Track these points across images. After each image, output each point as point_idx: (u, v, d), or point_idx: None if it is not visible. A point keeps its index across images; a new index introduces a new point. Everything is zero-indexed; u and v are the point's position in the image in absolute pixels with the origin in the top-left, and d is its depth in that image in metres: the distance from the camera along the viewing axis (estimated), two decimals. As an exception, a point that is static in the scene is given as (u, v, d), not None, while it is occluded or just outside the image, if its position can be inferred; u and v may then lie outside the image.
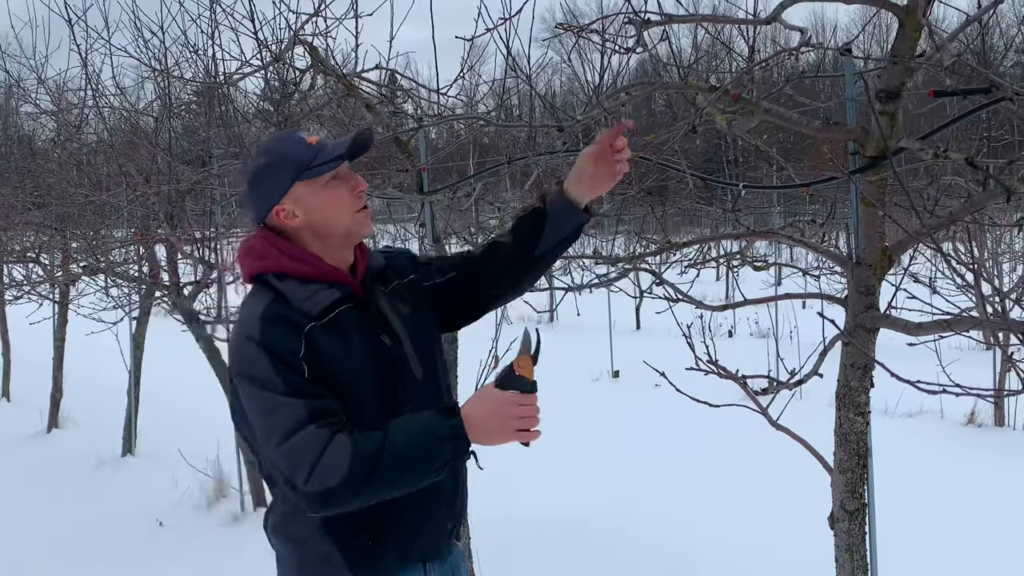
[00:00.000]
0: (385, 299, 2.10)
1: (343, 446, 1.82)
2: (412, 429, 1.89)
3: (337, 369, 1.92)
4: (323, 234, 2.03)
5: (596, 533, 5.38)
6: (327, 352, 1.92)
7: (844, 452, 2.67)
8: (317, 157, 1.99)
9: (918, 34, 2.24)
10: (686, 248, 3.40)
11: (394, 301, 2.12)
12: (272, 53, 4.08)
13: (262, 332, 1.89)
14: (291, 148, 2.01)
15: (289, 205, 2.00)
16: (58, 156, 7.89)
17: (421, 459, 1.88)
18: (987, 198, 2.36)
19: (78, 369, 9.16)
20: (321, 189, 2.00)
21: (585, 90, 4.11)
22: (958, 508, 5.51)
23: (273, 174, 2.01)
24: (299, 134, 2.07)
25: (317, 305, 1.94)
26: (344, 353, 1.95)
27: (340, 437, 1.83)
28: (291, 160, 1.99)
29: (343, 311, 1.99)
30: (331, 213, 2.02)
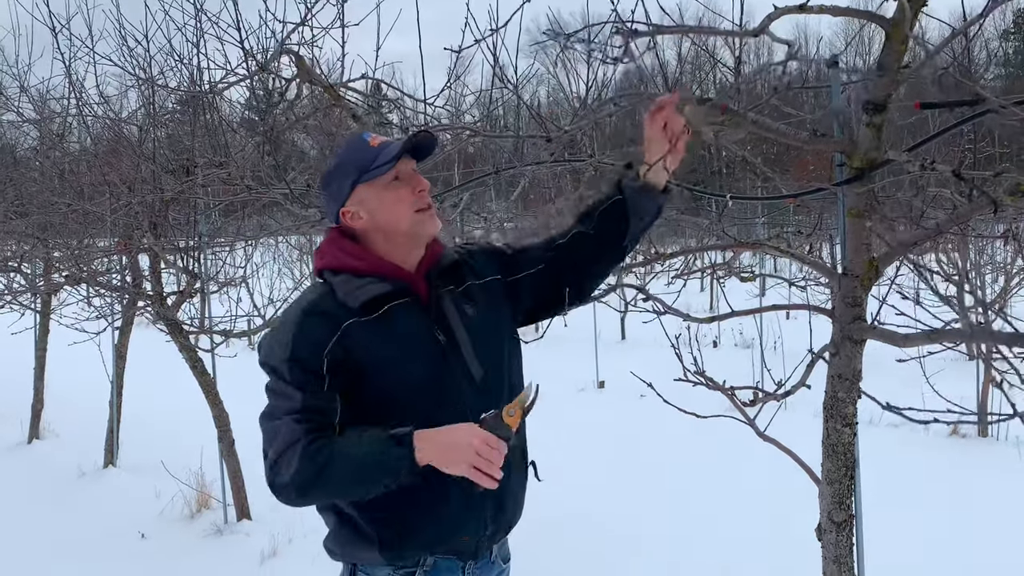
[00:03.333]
0: (450, 298, 2.14)
1: (302, 448, 1.91)
2: (360, 451, 1.93)
3: (374, 360, 1.99)
4: (388, 234, 2.09)
5: (583, 537, 5.36)
6: (364, 344, 1.99)
7: (831, 463, 2.67)
8: (377, 159, 2.05)
9: (904, 46, 2.25)
10: (672, 259, 3.40)
11: (460, 301, 2.15)
12: (258, 62, 4.07)
13: (298, 325, 2.00)
14: (354, 151, 2.09)
15: (353, 207, 2.08)
16: (40, 165, 7.83)
17: (362, 482, 1.95)
18: (973, 210, 2.37)
19: (59, 380, 9.08)
20: (382, 190, 2.06)
21: (571, 100, 4.11)
22: (944, 519, 5.52)
23: (338, 177, 2.09)
24: (365, 136, 2.12)
25: (362, 297, 2.01)
26: (385, 346, 2.01)
27: (308, 438, 1.92)
28: (353, 163, 2.07)
29: (395, 306, 2.04)
30: (393, 213, 2.07)
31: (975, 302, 7.96)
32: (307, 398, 1.95)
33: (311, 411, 1.95)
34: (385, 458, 1.91)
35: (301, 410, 1.95)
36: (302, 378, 1.96)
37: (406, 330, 2.04)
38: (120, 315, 7.19)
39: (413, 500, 2.01)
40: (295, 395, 1.96)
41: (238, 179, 4.59)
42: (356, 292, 2.02)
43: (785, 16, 2.27)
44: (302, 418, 1.94)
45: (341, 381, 1.98)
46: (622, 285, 3.46)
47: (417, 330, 2.06)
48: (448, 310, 2.12)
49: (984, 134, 5.60)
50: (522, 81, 3.82)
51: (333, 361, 1.97)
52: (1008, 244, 8.43)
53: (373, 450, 1.92)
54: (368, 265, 2.07)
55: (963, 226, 3.64)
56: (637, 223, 2.26)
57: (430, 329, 2.08)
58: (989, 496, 6.06)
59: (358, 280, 2.04)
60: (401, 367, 2.01)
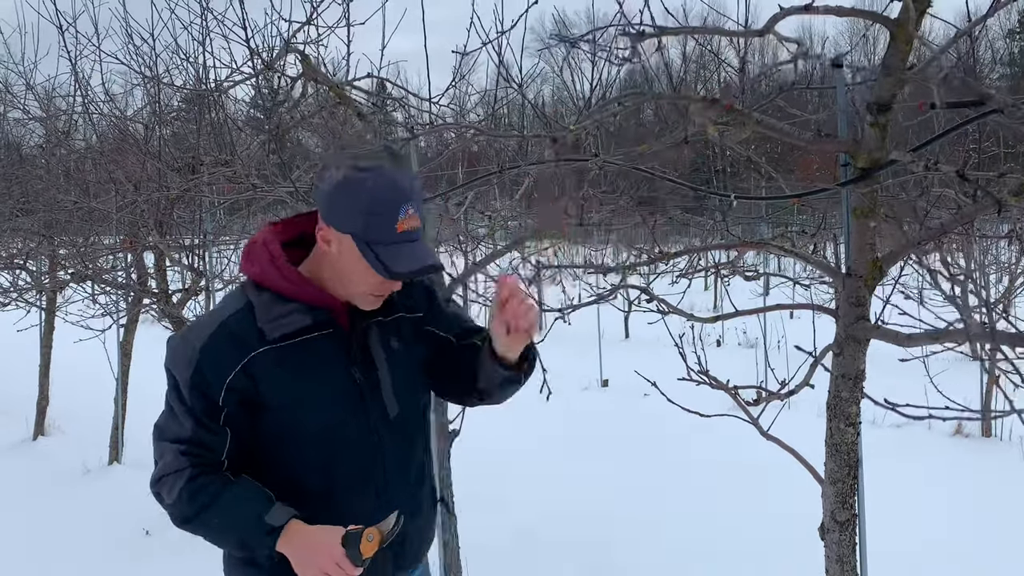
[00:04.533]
0: (376, 330, 2.06)
1: (184, 482, 1.93)
2: (232, 518, 1.93)
3: (279, 396, 1.96)
4: (336, 276, 1.98)
5: (587, 537, 5.37)
6: (271, 377, 1.94)
7: (835, 463, 2.67)
8: (387, 248, 1.88)
9: (909, 46, 2.26)
10: (676, 258, 3.39)
11: (387, 333, 2.09)
12: (263, 61, 4.08)
13: (203, 346, 1.94)
14: (379, 213, 1.88)
15: (334, 239, 1.93)
16: (46, 162, 7.85)
17: (226, 544, 2.02)
18: (977, 210, 2.38)
19: (65, 377, 9.10)
20: (361, 261, 1.90)
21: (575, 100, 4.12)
22: (947, 519, 5.52)
23: (348, 209, 1.89)
24: (403, 209, 1.89)
25: (281, 329, 1.94)
26: (294, 383, 1.95)
27: (191, 472, 1.93)
28: (367, 223, 1.88)
29: (314, 338, 1.97)
30: (352, 279, 1.96)
31: (979, 302, 7.95)
32: (197, 430, 1.93)
33: (198, 445, 1.94)
34: (249, 537, 1.93)
35: (188, 441, 1.94)
36: (198, 405, 1.93)
37: (320, 367, 1.98)
38: (125, 312, 7.21)
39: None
40: (186, 423, 1.94)
41: (243, 177, 4.60)
42: (275, 323, 1.94)
43: (790, 16, 2.28)
44: (187, 450, 1.94)
45: (240, 412, 1.96)
46: (626, 286, 3.46)
47: (332, 368, 2.00)
48: (372, 343, 2.05)
49: (989, 134, 5.60)
50: (527, 80, 3.83)
51: (234, 390, 1.93)
52: (1012, 244, 8.42)
53: (244, 523, 1.93)
54: (294, 289, 1.97)
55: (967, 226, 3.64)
56: (485, 379, 2.10)
57: (347, 367, 2.01)
58: (993, 496, 6.06)
59: (280, 306, 1.96)
60: (307, 408, 1.97)
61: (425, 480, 2.21)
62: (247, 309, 1.97)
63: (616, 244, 16.22)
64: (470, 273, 4.81)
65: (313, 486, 2.01)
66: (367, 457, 2.04)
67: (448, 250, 5.17)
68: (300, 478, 2.01)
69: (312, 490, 2.00)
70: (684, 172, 11.65)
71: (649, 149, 2.93)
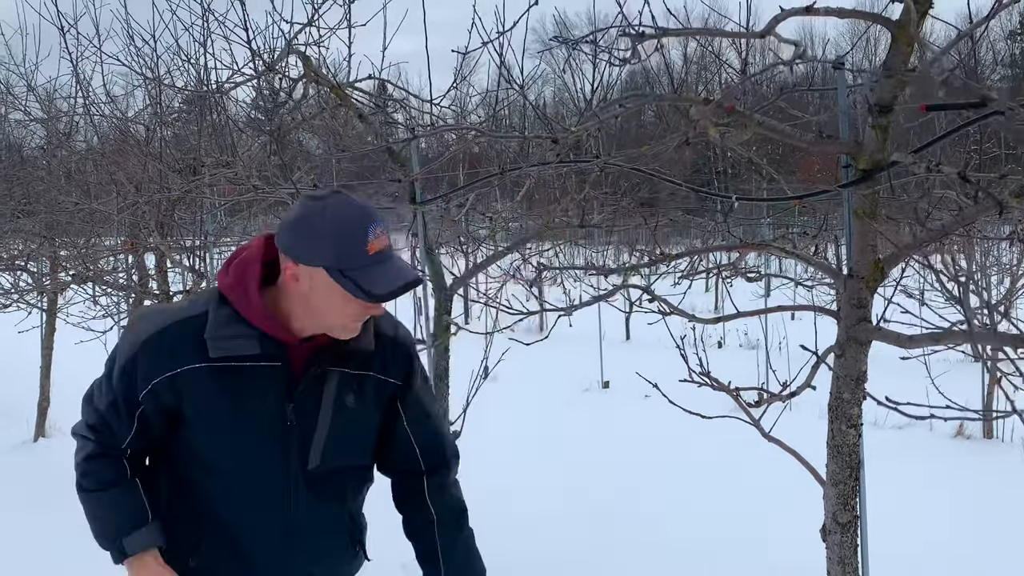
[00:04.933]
0: (336, 379, 1.98)
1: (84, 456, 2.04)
2: (102, 517, 2.04)
3: (202, 413, 1.93)
4: (310, 312, 1.91)
5: (589, 538, 5.36)
6: (198, 394, 1.90)
7: (836, 464, 2.67)
8: (362, 273, 1.82)
9: (910, 48, 2.26)
10: (677, 259, 3.39)
11: (346, 387, 2.00)
12: (265, 62, 4.08)
13: (144, 340, 1.93)
14: (348, 240, 1.83)
15: (303, 273, 1.86)
16: (47, 164, 7.86)
17: (91, 528, 2.08)
18: (979, 212, 2.38)
19: (66, 378, 9.09)
20: (338, 291, 1.84)
21: (576, 101, 4.12)
22: (948, 521, 5.51)
23: (314, 243, 1.84)
24: (370, 231, 1.84)
25: (225, 351, 1.88)
26: (222, 403, 1.91)
27: (91, 450, 2.03)
28: (337, 253, 1.82)
29: (256, 367, 1.90)
30: (329, 311, 1.89)
31: (980, 303, 7.95)
32: (109, 411, 1.97)
33: (105, 424, 1.99)
34: (104, 542, 2.04)
35: (98, 416, 2.00)
36: (119, 389, 1.95)
37: (252, 395, 1.92)
38: (126, 314, 7.21)
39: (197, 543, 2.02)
40: (105, 400, 1.98)
41: (244, 178, 4.60)
42: (221, 343, 1.88)
43: (791, 18, 2.28)
44: (95, 424, 2.01)
45: (155, 416, 1.95)
46: (627, 286, 3.46)
47: (265, 399, 1.93)
48: (325, 393, 1.97)
49: (990, 136, 5.60)
50: (528, 82, 3.83)
51: (155, 395, 1.91)
52: (1014, 245, 8.42)
53: (105, 530, 2.03)
54: (255, 317, 1.90)
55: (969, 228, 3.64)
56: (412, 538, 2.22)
57: (281, 406, 1.94)
58: (994, 498, 6.05)
59: (233, 326, 1.89)
60: (225, 434, 1.93)
61: (342, 529, 2.13)
62: (201, 318, 1.91)
63: (617, 245, 16.22)
64: (471, 274, 4.81)
65: (214, 508, 1.99)
66: (277, 498, 1.98)
67: (449, 251, 5.17)
68: (207, 501, 1.99)
69: (212, 513, 1.99)
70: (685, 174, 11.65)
71: (650, 150, 2.93)
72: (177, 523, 2.02)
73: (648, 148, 2.93)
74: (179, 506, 2.02)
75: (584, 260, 16.21)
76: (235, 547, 1.99)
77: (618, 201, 5.43)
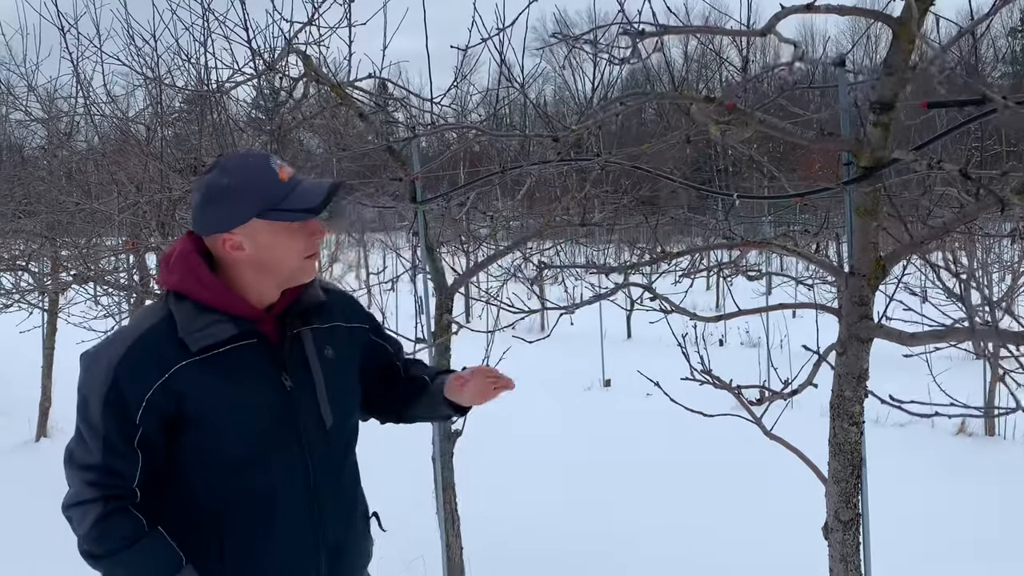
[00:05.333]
0: (310, 336, 2.02)
1: (94, 519, 1.85)
2: (137, 571, 1.88)
3: (202, 409, 1.88)
4: (265, 271, 1.93)
5: (591, 537, 5.37)
6: (194, 391, 1.86)
7: (838, 462, 2.67)
8: (288, 199, 1.88)
9: (911, 45, 2.25)
10: (678, 258, 3.39)
11: (322, 341, 2.04)
12: (265, 61, 4.08)
13: (119, 362, 1.85)
14: (260, 179, 1.88)
15: (240, 236, 1.89)
16: (48, 164, 7.85)
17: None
18: (980, 208, 2.37)
19: (67, 378, 9.08)
20: (281, 231, 1.89)
21: (576, 99, 4.12)
22: (951, 518, 5.51)
23: (234, 201, 1.88)
24: (273, 164, 1.91)
25: (203, 340, 1.86)
26: (218, 394, 1.88)
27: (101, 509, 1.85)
28: (258, 194, 1.87)
29: (238, 348, 1.90)
30: (281, 255, 1.91)
31: (982, 300, 7.95)
32: (106, 456, 1.85)
33: (107, 473, 1.85)
34: None
35: (97, 469, 1.85)
36: (111, 427, 1.84)
37: (246, 375, 1.91)
38: (128, 314, 7.21)
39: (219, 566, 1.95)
40: (95, 449, 1.86)
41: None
42: (198, 334, 1.86)
43: (792, 15, 2.28)
44: (96, 480, 1.86)
45: (156, 433, 1.88)
46: (628, 284, 3.46)
47: (260, 375, 1.93)
48: (307, 349, 2.01)
49: (991, 133, 5.59)
50: (528, 80, 3.83)
51: (153, 408, 1.85)
52: (1015, 243, 8.41)
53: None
54: (216, 299, 1.90)
55: (970, 225, 3.64)
56: (423, 411, 2.26)
57: (276, 375, 1.95)
58: (996, 495, 6.05)
59: (201, 316, 1.88)
60: (233, 419, 1.90)
61: (357, 491, 2.17)
62: (167, 320, 1.89)
63: (619, 244, 16.21)
64: (472, 273, 4.81)
65: (236, 506, 1.94)
66: (296, 468, 1.97)
67: (450, 250, 5.17)
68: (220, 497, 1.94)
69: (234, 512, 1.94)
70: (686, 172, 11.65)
71: (651, 149, 2.93)
72: (193, 543, 1.92)
73: (649, 146, 2.93)
74: (190, 524, 1.94)
75: (585, 259, 16.20)
76: (264, 537, 1.95)
77: (619, 199, 5.42)
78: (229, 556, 1.93)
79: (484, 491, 5.22)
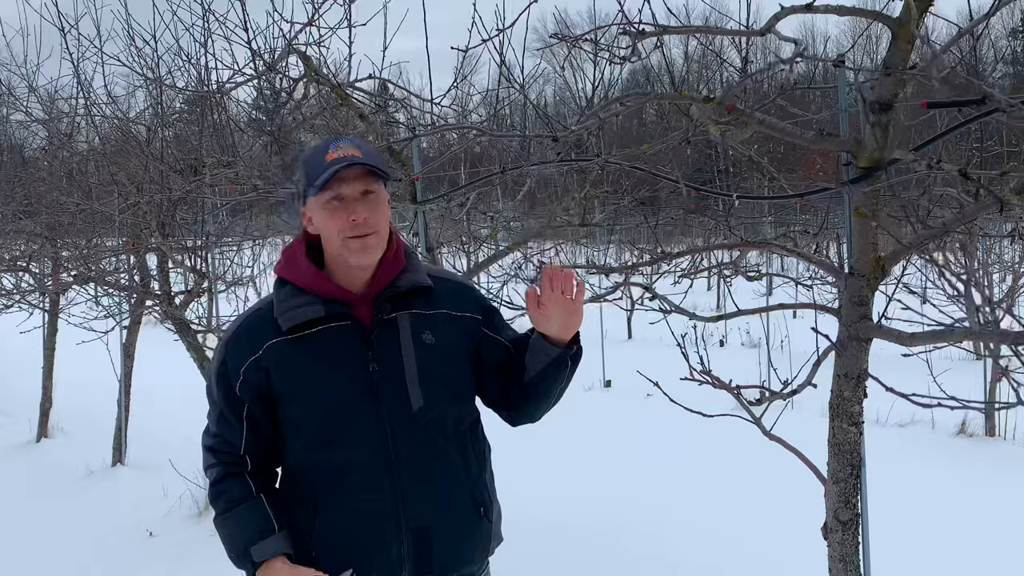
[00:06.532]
0: (408, 320, 2.07)
1: (212, 482, 2.12)
2: (232, 535, 2.07)
3: (288, 384, 2.02)
4: (329, 250, 2.06)
5: (592, 540, 5.37)
6: (282, 366, 2.02)
7: (837, 462, 2.67)
8: (322, 175, 1.98)
9: (911, 46, 2.26)
10: (679, 258, 3.40)
11: (422, 326, 2.08)
12: (265, 62, 4.08)
13: (227, 340, 2.10)
14: (312, 158, 2.05)
15: (307, 213, 2.07)
16: (49, 165, 7.86)
17: (227, 552, 2.10)
18: (979, 209, 2.38)
19: (68, 379, 9.11)
20: (321, 208, 2.01)
21: (577, 100, 4.12)
22: (950, 518, 5.51)
23: (297, 182, 2.09)
24: (332, 144, 2.04)
25: (293, 320, 2.01)
26: (303, 371, 2.01)
27: (217, 472, 2.11)
28: (306, 171, 2.04)
29: (328, 329, 2.02)
30: (327, 233, 2.03)
31: (982, 300, 7.95)
32: (219, 424, 2.10)
33: (219, 439, 2.10)
34: (237, 560, 2.08)
35: (213, 435, 2.11)
36: (221, 397, 2.08)
37: (333, 356, 2.02)
38: (128, 314, 7.22)
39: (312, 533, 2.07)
40: (213, 417, 2.12)
41: (246, 179, 4.61)
42: (288, 313, 2.02)
43: (792, 15, 2.28)
44: (212, 445, 2.11)
45: (255, 405, 2.06)
46: (629, 284, 3.46)
47: (346, 357, 2.02)
48: (401, 335, 2.05)
49: (991, 133, 5.59)
50: (529, 81, 3.83)
51: (248, 382, 2.04)
52: (1015, 243, 8.41)
53: (236, 547, 2.06)
54: (310, 282, 2.05)
55: (970, 225, 3.64)
56: (533, 366, 2.11)
57: (362, 357, 2.02)
58: (997, 495, 6.05)
59: (295, 299, 2.03)
60: (313, 394, 2.01)
61: (459, 484, 2.12)
62: (270, 304, 2.08)
63: (619, 244, 16.22)
64: (473, 273, 4.82)
65: (323, 477, 2.04)
66: (375, 447, 2.02)
67: (451, 250, 5.17)
68: (314, 477, 2.05)
69: (322, 482, 2.05)
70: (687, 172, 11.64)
71: (651, 149, 2.93)
72: (292, 512, 2.08)
73: (649, 147, 2.93)
74: (291, 494, 2.10)
75: (585, 259, 16.20)
76: (347, 513, 2.03)
77: (619, 200, 5.43)
78: (319, 525, 2.05)
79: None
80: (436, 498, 2.07)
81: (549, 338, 2.08)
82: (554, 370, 2.09)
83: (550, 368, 2.08)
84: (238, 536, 2.05)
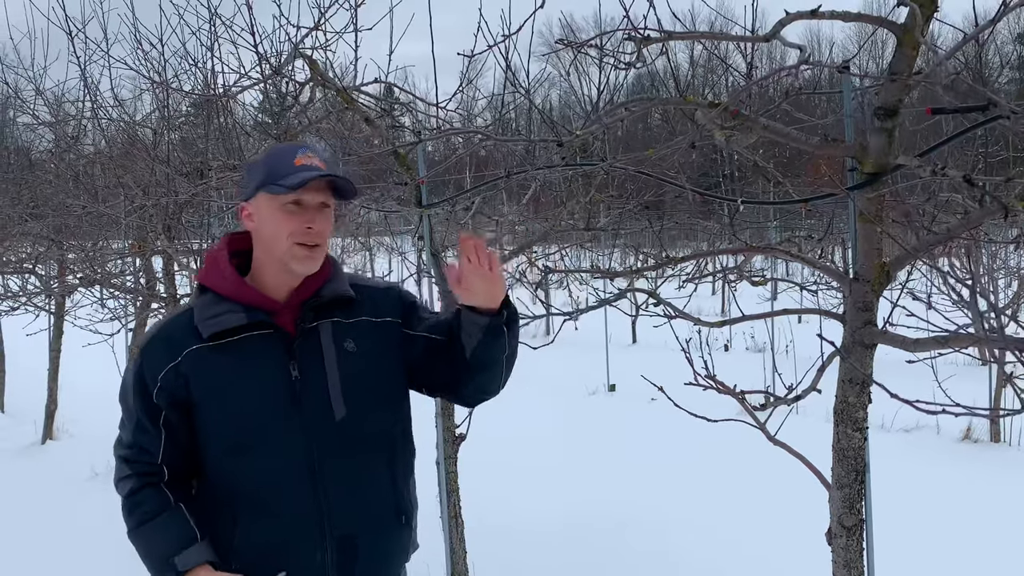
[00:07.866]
0: (330, 331, 2.06)
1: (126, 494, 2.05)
2: (152, 547, 2.02)
3: (206, 391, 2.00)
4: (266, 250, 2.04)
5: (596, 538, 5.37)
6: (201, 374, 1.99)
7: (842, 468, 2.67)
8: (289, 177, 1.96)
9: (915, 51, 2.26)
10: (683, 263, 3.40)
11: (342, 335, 2.07)
12: (271, 66, 4.09)
13: (144, 347, 2.07)
14: (278, 156, 2.04)
15: (249, 209, 2.05)
16: (55, 167, 7.88)
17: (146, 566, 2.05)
18: (984, 215, 2.37)
19: (73, 380, 9.13)
20: (276, 208, 1.99)
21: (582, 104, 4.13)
22: (955, 524, 5.50)
23: (252, 172, 2.07)
24: (300, 150, 2.04)
25: (214, 327, 1.99)
26: (222, 378, 1.99)
27: (133, 484, 2.04)
28: (269, 167, 2.01)
29: (250, 337, 2.00)
30: (272, 233, 2.00)
31: (987, 306, 7.93)
32: (135, 433, 2.04)
33: (136, 449, 2.04)
34: (158, 572, 2.02)
35: (128, 446, 2.06)
36: (138, 406, 2.03)
37: (254, 363, 2.00)
38: (134, 317, 7.23)
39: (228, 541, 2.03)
40: (128, 427, 2.06)
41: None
42: (209, 321, 2.00)
43: (797, 21, 2.28)
44: (128, 456, 2.05)
45: (172, 413, 2.02)
46: (633, 289, 3.47)
47: (267, 364, 2.01)
48: (323, 343, 2.05)
49: (998, 138, 5.59)
50: (534, 85, 3.84)
51: (165, 389, 2.00)
52: (1020, 249, 8.40)
53: (157, 559, 2.00)
54: (232, 289, 2.02)
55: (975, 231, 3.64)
56: (468, 340, 2.06)
57: (284, 366, 2.01)
58: (1001, 501, 6.04)
59: (217, 306, 2.01)
60: (233, 401, 1.99)
61: (384, 492, 2.12)
62: (190, 312, 2.06)
63: (624, 248, 16.21)
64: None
65: (243, 486, 2.01)
66: (296, 455, 2.00)
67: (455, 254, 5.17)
68: (233, 484, 2.02)
69: (242, 491, 2.01)
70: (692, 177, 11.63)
71: (656, 154, 2.94)
72: (212, 521, 2.03)
73: (654, 151, 2.94)
74: (210, 503, 2.05)
75: (590, 263, 16.19)
76: (269, 521, 2.01)
77: (624, 204, 5.43)
78: (240, 535, 2.01)
79: (488, 496, 5.23)
80: (360, 507, 2.06)
81: (479, 309, 2.04)
82: (492, 338, 2.06)
83: (487, 337, 2.05)
84: (160, 547, 2.00)
